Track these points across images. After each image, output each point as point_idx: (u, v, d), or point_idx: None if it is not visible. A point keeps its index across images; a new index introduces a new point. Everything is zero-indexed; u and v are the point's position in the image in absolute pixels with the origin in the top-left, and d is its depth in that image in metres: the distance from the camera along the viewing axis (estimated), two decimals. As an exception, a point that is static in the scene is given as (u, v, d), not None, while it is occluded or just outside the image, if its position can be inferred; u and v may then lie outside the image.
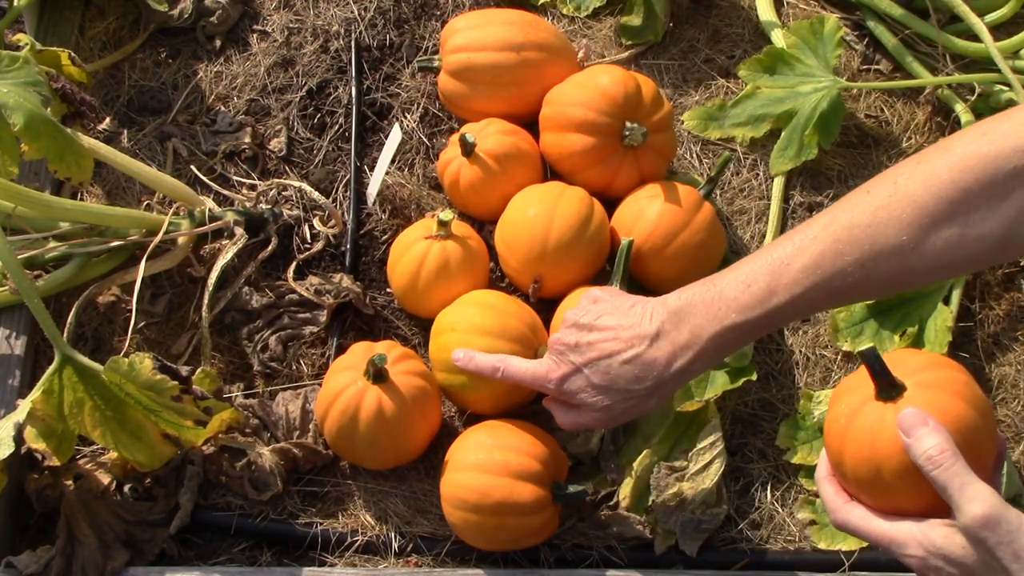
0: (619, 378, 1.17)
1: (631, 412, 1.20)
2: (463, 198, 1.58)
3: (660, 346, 1.15)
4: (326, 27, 1.80)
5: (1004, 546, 0.92)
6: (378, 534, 1.41)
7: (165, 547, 1.38)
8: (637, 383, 1.16)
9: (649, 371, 1.15)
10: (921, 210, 1.01)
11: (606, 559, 1.39)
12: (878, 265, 1.03)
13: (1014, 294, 1.60)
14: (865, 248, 1.03)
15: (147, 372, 1.25)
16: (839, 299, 1.08)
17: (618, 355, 1.17)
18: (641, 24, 1.79)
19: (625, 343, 1.16)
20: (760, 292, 1.08)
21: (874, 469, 1.01)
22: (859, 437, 1.03)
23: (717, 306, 1.11)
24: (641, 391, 1.17)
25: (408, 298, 1.52)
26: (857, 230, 1.04)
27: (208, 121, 1.73)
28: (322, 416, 1.40)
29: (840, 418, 1.06)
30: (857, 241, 1.03)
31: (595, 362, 1.18)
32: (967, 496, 0.93)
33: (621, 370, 1.16)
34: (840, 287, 1.05)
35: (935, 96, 1.74)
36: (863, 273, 1.04)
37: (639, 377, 1.16)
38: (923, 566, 0.97)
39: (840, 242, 1.04)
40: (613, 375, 1.17)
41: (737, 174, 1.69)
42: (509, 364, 1.29)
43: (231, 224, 1.54)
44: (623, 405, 1.19)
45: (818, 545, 1.39)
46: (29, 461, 1.39)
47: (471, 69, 1.59)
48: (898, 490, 1.01)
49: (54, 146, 1.33)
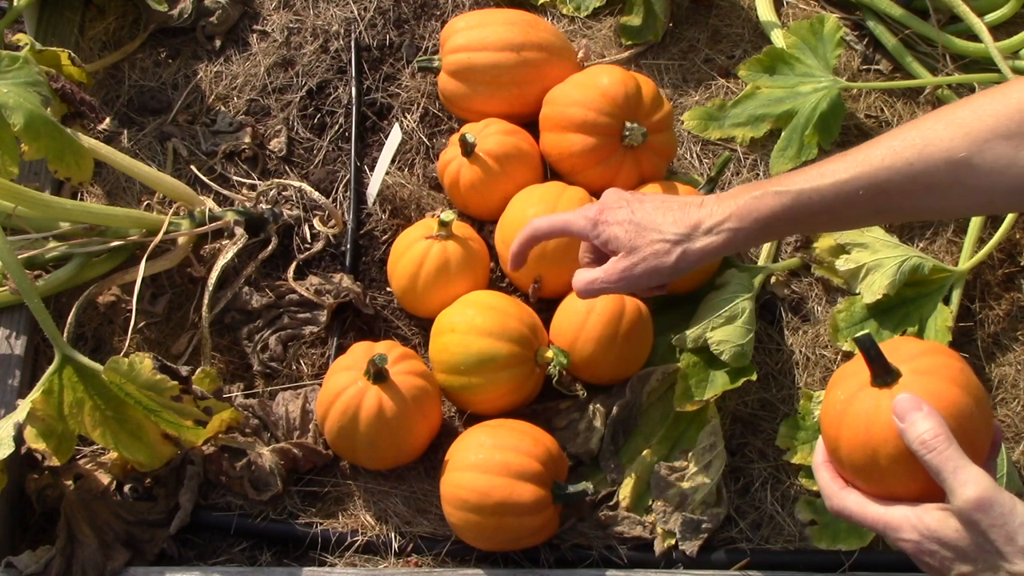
0: (657, 217, 1.17)
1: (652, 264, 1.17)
2: (463, 198, 1.58)
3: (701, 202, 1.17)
4: (326, 27, 1.80)
5: (997, 528, 0.92)
6: (378, 534, 1.41)
7: (165, 547, 1.38)
8: (672, 226, 1.16)
9: (686, 217, 1.15)
10: (982, 121, 1.01)
11: (606, 559, 1.39)
12: (927, 168, 1.03)
13: (1014, 294, 1.60)
14: (918, 148, 1.03)
15: (147, 372, 1.25)
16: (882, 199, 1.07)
17: (662, 203, 1.19)
18: (641, 24, 1.79)
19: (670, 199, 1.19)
20: (808, 171, 1.10)
21: (869, 454, 1.01)
22: (855, 423, 1.03)
23: (762, 181, 1.14)
24: (672, 235, 1.16)
25: (408, 298, 1.52)
26: (915, 131, 1.04)
27: (208, 121, 1.73)
28: (322, 416, 1.40)
29: (836, 404, 1.06)
30: (911, 140, 1.04)
31: (641, 203, 1.19)
32: (960, 479, 0.94)
33: (662, 211, 1.17)
34: (886, 185, 1.05)
35: (935, 96, 1.74)
36: (911, 173, 1.03)
37: (677, 221, 1.16)
38: (918, 550, 0.98)
39: (895, 138, 1.05)
40: (652, 215, 1.17)
41: (737, 174, 1.69)
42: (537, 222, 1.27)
43: (231, 224, 1.54)
44: (648, 250, 1.17)
45: (818, 545, 1.39)
46: (29, 461, 1.39)
47: (471, 69, 1.59)
48: (893, 475, 1.01)
49: (54, 146, 1.33)
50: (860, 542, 1.38)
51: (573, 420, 1.46)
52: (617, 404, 1.44)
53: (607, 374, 1.46)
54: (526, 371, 1.41)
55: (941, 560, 0.96)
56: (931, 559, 0.97)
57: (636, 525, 1.40)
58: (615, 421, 1.44)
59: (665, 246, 1.16)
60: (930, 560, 0.97)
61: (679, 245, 1.15)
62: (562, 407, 1.47)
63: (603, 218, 1.20)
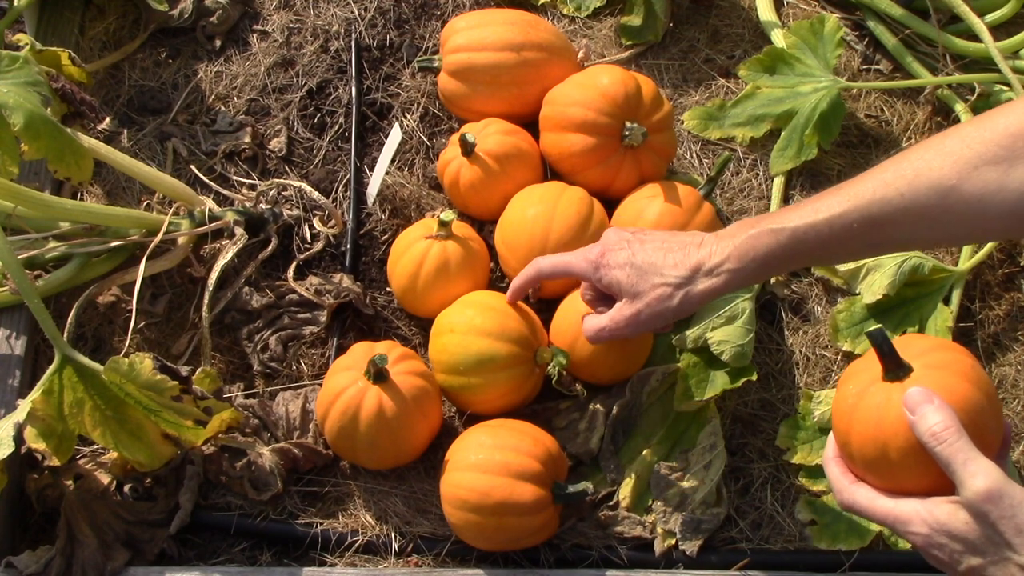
0: (658, 261, 1.20)
1: (655, 309, 1.21)
2: (463, 198, 1.58)
3: (704, 244, 1.19)
4: (326, 27, 1.80)
5: (1007, 520, 0.92)
6: (378, 534, 1.41)
7: (165, 547, 1.38)
8: (673, 270, 1.19)
9: (687, 260, 1.18)
10: (968, 147, 1.02)
11: (606, 559, 1.39)
12: (917, 197, 1.04)
13: (1014, 294, 1.60)
14: (908, 177, 1.05)
15: (147, 372, 1.25)
16: (876, 232, 1.08)
17: (662, 245, 1.21)
18: (641, 24, 1.79)
19: (670, 238, 1.22)
20: (802, 207, 1.12)
21: (880, 448, 1.02)
22: (866, 417, 1.04)
23: (761, 220, 1.16)
24: (673, 279, 1.19)
25: (408, 298, 1.52)
26: (905, 163, 1.06)
27: (208, 121, 1.73)
28: (322, 416, 1.40)
29: (847, 398, 1.07)
30: (902, 171, 1.06)
31: (643, 244, 1.22)
32: (970, 471, 0.94)
33: (663, 254, 1.20)
34: (879, 217, 1.06)
35: (935, 96, 1.74)
36: (902, 204, 1.05)
37: (677, 264, 1.19)
38: (927, 543, 0.97)
39: (886, 171, 1.07)
40: (652, 257, 1.20)
41: (737, 174, 1.69)
42: (541, 262, 1.33)
43: (231, 224, 1.54)
44: (652, 294, 1.20)
45: (818, 545, 1.39)
46: (29, 461, 1.39)
47: (471, 69, 1.59)
48: (903, 469, 1.01)
49: (54, 146, 1.33)
50: (860, 542, 1.38)
51: (573, 420, 1.46)
52: (617, 404, 1.44)
53: (607, 374, 1.46)
54: (525, 371, 1.41)
55: (951, 553, 0.96)
56: (940, 552, 0.97)
57: (636, 525, 1.40)
58: (615, 421, 1.44)
59: (667, 290, 1.19)
60: (939, 553, 0.97)
61: (681, 289, 1.19)
62: (562, 407, 1.47)
63: (604, 261, 1.24)
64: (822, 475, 1.44)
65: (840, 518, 1.40)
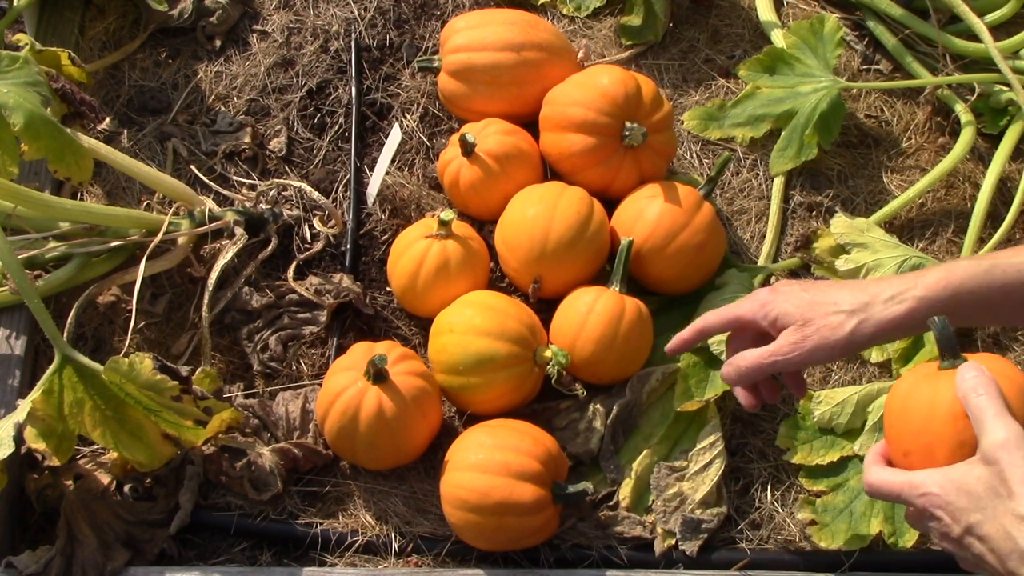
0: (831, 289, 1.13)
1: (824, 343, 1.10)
2: (463, 198, 1.58)
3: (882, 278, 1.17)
4: (326, 27, 1.80)
5: (1016, 468, 0.92)
6: (378, 534, 1.41)
7: (165, 547, 1.38)
8: (848, 296, 1.11)
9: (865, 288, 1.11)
10: None
11: (606, 559, 1.39)
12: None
13: (1014, 294, 1.60)
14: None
15: (147, 372, 1.25)
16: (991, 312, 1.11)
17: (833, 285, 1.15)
18: (641, 24, 1.79)
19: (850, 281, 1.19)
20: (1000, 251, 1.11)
21: (925, 422, 1.04)
22: (918, 400, 1.06)
23: (950, 265, 1.11)
24: (847, 304, 1.10)
25: (408, 297, 1.52)
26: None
27: (208, 121, 1.73)
28: (322, 416, 1.40)
29: (902, 385, 1.10)
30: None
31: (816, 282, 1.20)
32: (997, 423, 0.95)
33: (838, 284, 1.15)
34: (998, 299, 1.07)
35: (935, 96, 1.74)
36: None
37: (853, 291, 1.11)
38: (932, 504, 0.97)
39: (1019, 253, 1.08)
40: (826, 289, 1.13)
41: (737, 174, 1.69)
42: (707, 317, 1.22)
43: (231, 224, 1.54)
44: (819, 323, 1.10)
45: (818, 545, 1.39)
46: (29, 461, 1.39)
47: (471, 69, 1.59)
48: (941, 441, 1.02)
49: (54, 146, 1.33)
50: (860, 542, 1.38)
51: (573, 420, 1.46)
52: (617, 404, 1.44)
53: (607, 374, 1.46)
54: (525, 371, 1.41)
55: (953, 512, 0.95)
56: (943, 512, 0.96)
57: (636, 525, 1.40)
58: (615, 421, 1.44)
59: (839, 317, 1.10)
60: (942, 514, 0.96)
61: (855, 316, 1.10)
62: (562, 407, 1.47)
63: (773, 297, 1.15)
64: (822, 475, 1.44)
65: (840, 518, 1.40)
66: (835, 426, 1.45)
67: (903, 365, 1.49)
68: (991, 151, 1.70)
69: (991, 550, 0.93)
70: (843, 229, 1.55)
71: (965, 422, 0.99)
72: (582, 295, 1.45)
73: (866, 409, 1.44)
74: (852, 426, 1.45)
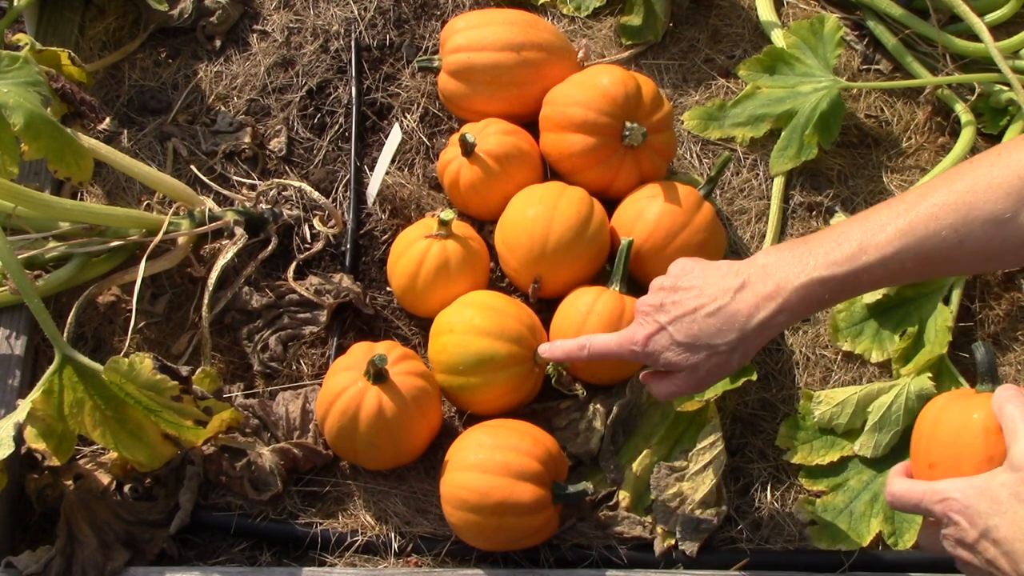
0: (702, 333, 1.15)
1: (716, 372, 1.18)
2: (463, 198, 1.58)
3: (743, 297, 1.14)
4: (326, 27, 1.80)
5: None
6: (378, 534, 1.41)
7: (165, 547, 1.38)
8: (720, 337, 1.15)
9: (732, 323, 1.14)
10: (1022, 179, 1.01)
11: (606, 559, 1.39)
12: (972, 232, 1.03)
13: (1014, 294, 1.60)
14: (961, 212, 1.03)
15: (147, 372, 1.25)
16: (929, 267, 1.08)
17: (701, 309, 1.16)
18: (641, 24, 1.79)
19: (709, 297, 1.16)
20: (851, 249, 1.08)
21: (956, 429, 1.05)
22: (952, 414, 1.08)
23: (805, 260, 1.11)
24: (724, 346, 1.15)
25: (407, 297, 1.52)
26: (955, 195, 1.04)
27: (208, 121, 1.73)
28: (322, 416, 1.40)
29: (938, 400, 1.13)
30: (954, 206, 1.04)
31: (679, 319, 1.17)
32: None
33: (704, 324, 1.15)
34: (932, 253, 1.05)
35: (935, 96, 1.74)
36: (957, 239, 1.03)
37: (722, 330, 1.14)
38: (949, 509, 0.97)
39: (937, 206, 1.05)
40: (696, 330, 1.16)
41: (737, 174, 1.69)
42: (593, 341, 1.27)
43: (231, 224, 1.54)
44: (708, 364, 1.17)
45: (818, 545, 1.39)
46: (29, 461, 1.39)
47: (471, 69, 1.59)
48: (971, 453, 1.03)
49: (54, 146, 1.33)
50: (860, 542, 1.38)
51: (573, 420, 1.46)
52: (617, 404, 1.44)
53: (607, 374, 1.46)
54: (525, 371, 1.41)
55: (972, 516, 0.95)
56: (960, 517, 0.96)
57: (636, 525, 1.40)
58: (615, 421, 1.44)
59: (722, 358, 1.16)
60: (961, 519, 0.96)
61: (736, 351, 1.16)
62: (562, 407, 1.47)
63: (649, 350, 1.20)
64: (822, 475, 1.44)
65: (840, 518, 1.40)
66: (835, 426, 1.45)
67: (903, 365, 1.49)
68: (991, 151, 1.70)
69: (1005, 553, 0.92)
70: (843, 229, 1.55)
71: (997, 437, 1.00)
72: (582, 295, 1.45)
73: (866, 409, 1.44)
74: (852, 426, 1.45)
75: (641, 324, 1.21)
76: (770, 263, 1.13)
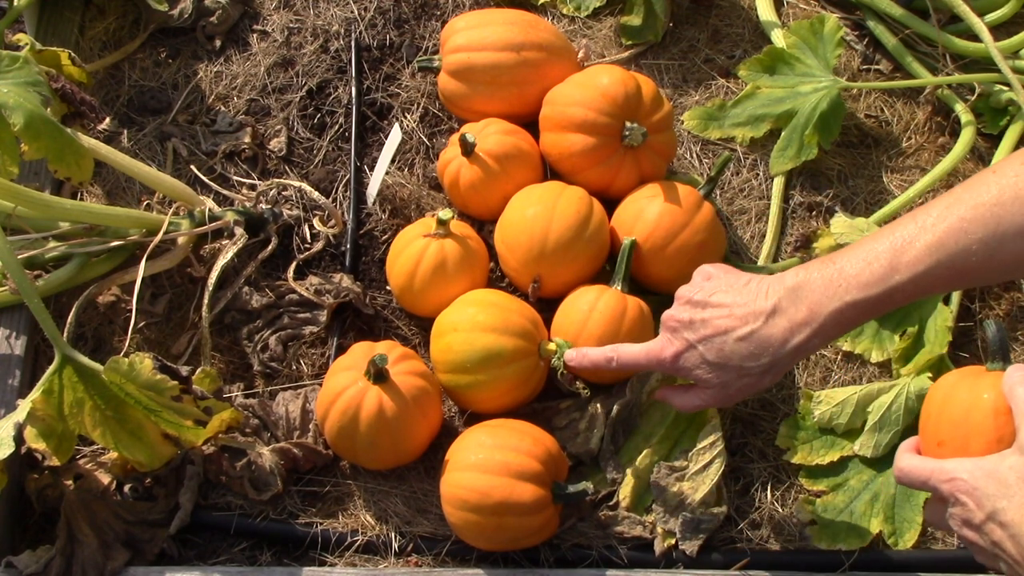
0: (734, 355, 1.15)
1: (747, 390, 1.18)
2: (463, 198, 1.58)
3: (776, 323, 1.12)
4: (326, 27, 1.80)
5: None
6: (378, 534, 1.41)
7: (165, 547, 1.38)
8: (752, 360, 1.14)
9: (765, 348, 1.13)
10: None
11: (606, 559, 1.39)
12: (1003, 245, 1.02)
13: (1014, 294, 1.60)
14: (991, 227, 1.02)
15: (147, 372, 1.25)
16: (961, 280, 1.07)
17: (733, 331, 1.15)
18: (641, 24, 1.79)
19: (740, 320, 1.14)
20: (881, 270, 1.07)
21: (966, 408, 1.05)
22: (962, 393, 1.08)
23: (836, 283, 1.10)
24: (756, 368, 1.15)
25: (406, 296, 1.52)
26: (983, 208, 1.03)
27: (208, 121, 1.73)
28: (322, 416, 1.40)
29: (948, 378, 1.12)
30: (982, 220, 1.03)
31: (709, 339, 1.16)
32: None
33: (736, 347, 1.15)
34: (963, 267, 1.04)
35: (935, 96, 1.74)
36: (987, 253, 1.03)
37: (754, 354, 1.14)
38: (956, 490, 0.97)
39: (965, 220, 1.03)
40: (728, 352, 1.15)
41: (737, 174, 1.69)
42: (621, 352, 1.27)
43: (231, 224, 1.54)
44: (738, 383, 1.17)
45: (818, 545, 1.39)
46: (29, 461, 1.39)
47: (471, 69, 1.59)
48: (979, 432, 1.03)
49: (54, 146, 1.33)
50: (860, 542, 1.38)
51: (573, 420, 1.46)
52: (617, 404, 1.44)
53: (608, 374, 1.46)
54: (531, 364, 1.41)
55: (979, 498, 0.95)
56: (967, 498, 0.96)
57: (636, 525, 1.40)
58: (615, 421, 1.44)
59: (753, 379, 1.16)
60: (968, 500, 0.96)
61: (768, 374, 1.16)
62: (562, 407, 1.47)
63: (679, 366, 1.20)
64: (822, 475, 1.44)
65: (840, 518, 1.40)
66: (835, 426, 1.45)
67: (903, 365, 1.49)
68: (991, 151, 1.70)
69: (1011, 536, 0.92)
70: (843, 229, 1.55)
71: (1007, 418, 1.00)
72: (584, 294, 1.45)
73: (866, 409, 1.44)
74: (852, 426, 1.45)
75: (670, 340, 1.21)
76: (800, 284, 1.12)
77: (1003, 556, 0.94)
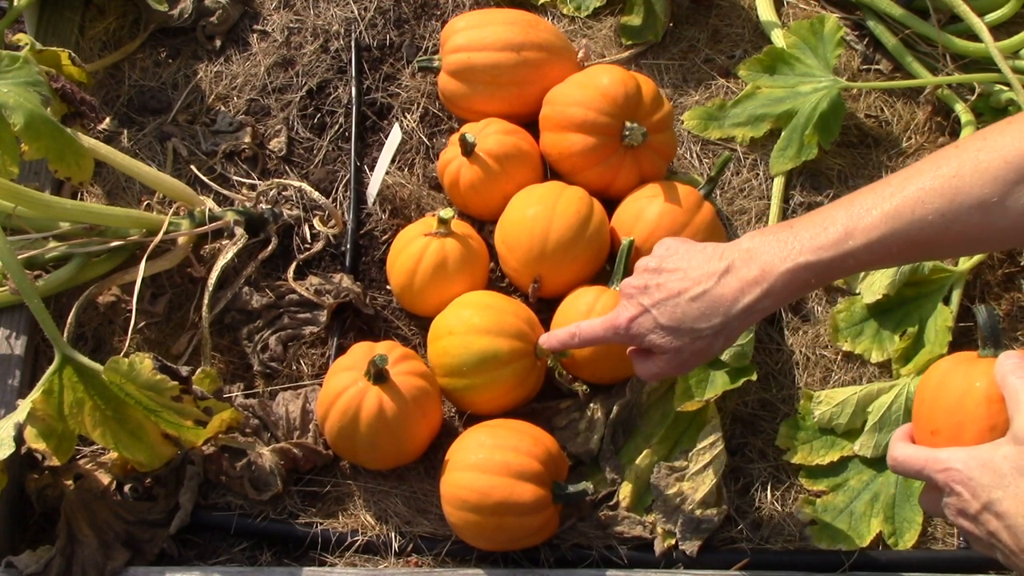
0: (686, 317, 1.16)
1: (700, 356, 1.19)
2: (463, 198, 1.58)
3: (727, 282, 1.13)
4: (326, 27, 1.80)
5: None
6: (378, 534, 1.41)
7: (165, 547, 1.38)
8: (704, 320, 1.15)
9: (716, 308, 1.14)
10: (1008, 164, 1.00)
11: (606, 559, 1.39)
12: (959, 217, 1.02)
13: (1014, 294, 1.60)
14: (948, 197, 1.02)
15: (147, 372, 1.25)
16: (915, 251, 1.07)
17: (685, 293, 1.16)
18: (641, 24, 1.79)
19: (693, 281, 1.16)
20: (836, 234, 1.07)
21: (959, 396, 1.04)
22: (955, 380, 1.07)
23: (791, 245, 1.10)
24: (708, 330, 1.15)
25: (406, 296, 1.52)
26: (941, 179, 1.03)
27: (208, 121, 1.73)
28: (322, 416, 1.40)
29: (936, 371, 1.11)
30: (940, 191, 1.03)
31: (663, 302, 1.17)
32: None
33: (688, 308, 1.15)
34: (918, 237, 1.04)
35: (935, 96, 1.74)
36: (943, 224, 1.03)
37: (705, 314, 1.14)
38: (950, 480, 0.97)
39: (923, 191, 1.04)
40: (680, 314, 1.16)
41: (737, 174, 1.69)
42: (582, 327, 1.28)
43: (231, 224, 1.54)
44: (692, 347, 1.17)
45: (818, 545, 1.39)
46: (29, 461, 1.39)
47: (471, 69, 1.59)
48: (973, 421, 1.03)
49: (54, 146, 1.33)
50: (860, 542, 1.38)
51: (573, 420, 1.46)
52: (617, 404, 1.44)
53: (608, 373, 1.46)
54: (527, 365, 1.41)
55: (974, 488, 0.95)
56: (962, 488, 0.96)
57: (636, 525, 1.40)
58: (615, 421, 1.44)
59: (705, 342, 1.17)
60: (962, 490, 0.96)
61: (719, 336, 1.16)
62: (562, 407, 1.47)
63: (634, 332, 1.20)
64: (822, 475, 1.44)
65: (840, 518, 1.40)
66: (835, 426, 1.45)
67: (903, 365, 1.49)
68: (991, 151, 1.70)
69: (1007, 527, 0.92)
70: (843, 229, 1.55)
71: (999, 406, 0.99)
72: (583, 294, 1.45)
73: (866, 409, 1.44)
74: (852, 426, 1.45)
75: (625, 306, 1.22)
76: (755, 247, 1.13)
77: (999, 545, 0.94)
